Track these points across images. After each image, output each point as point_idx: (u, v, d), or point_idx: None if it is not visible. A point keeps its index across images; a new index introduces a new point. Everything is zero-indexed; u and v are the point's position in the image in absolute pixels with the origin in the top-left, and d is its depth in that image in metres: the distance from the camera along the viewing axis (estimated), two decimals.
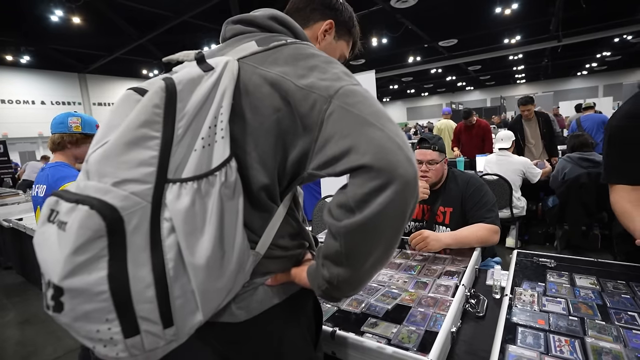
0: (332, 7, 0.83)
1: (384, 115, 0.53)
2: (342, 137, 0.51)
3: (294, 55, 0.60)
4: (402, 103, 22.28)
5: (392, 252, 0.55)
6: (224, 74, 0.57)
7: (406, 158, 0.50)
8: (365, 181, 0.49)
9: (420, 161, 1.54)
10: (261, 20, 0.69)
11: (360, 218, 0.49)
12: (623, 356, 0.74)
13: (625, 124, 1.09)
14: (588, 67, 14.78)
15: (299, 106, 0.55)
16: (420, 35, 8.07)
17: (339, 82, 0.55)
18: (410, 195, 0.50)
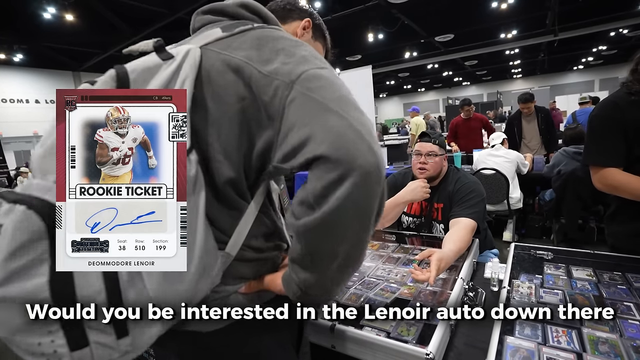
0: (306, 11, 0.87)
1: (348, 102, 0.50)
2: (302, 125, 0.47)
3: (260, 37, 0.57)
4: (398, 99, 22.27)
5: (361, 251, 0.51)
6: (184, 62, 0.54)
7: (368, 147, 0.46)
8: (323, 173, 0.45)
9: (420, 153, 1.55)
10: (231, 8, 0.65)
11: (318, 215, 0.46)
12: (619, 345, 0.75)
13: (604, 113, 1.19)
14: (584, 61, 14.82)
15: (262, 94, 0.51)
16: (416, 31, 8.06)
17: (303, 66, 0.51)
18: (372, 188, 0.46)
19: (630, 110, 1.11)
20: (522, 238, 3.49)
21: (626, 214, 1.21)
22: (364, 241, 0.51)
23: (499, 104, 12.07)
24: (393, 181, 1.69)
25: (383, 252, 1.36)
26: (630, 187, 1.12)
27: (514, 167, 3.18)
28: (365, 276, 1.16)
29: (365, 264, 1.26)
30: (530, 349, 0.76)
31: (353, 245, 0.50)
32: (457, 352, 0.83)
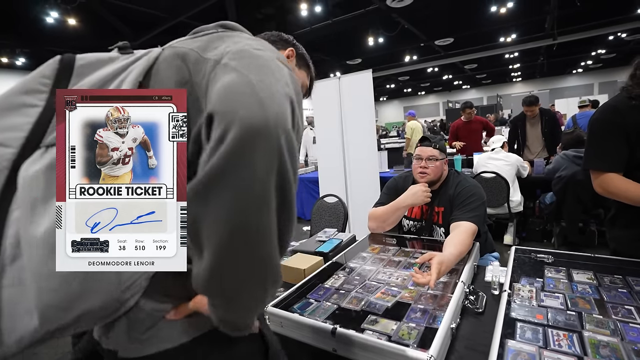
0: (290, 42, 0.91)
1: (263, 67, 0.46)
2: (211, 94, 0.45)
3: (221, 36, 0.57)
4: (398, 102, 22.32)
5: (253, 235, 0.41)
6: (142, 58, 0.55)
7: (257, 101, 0.41)
8: (212, 133, 0.40)
9: (420, 157, 1.55)
10: (211, 28, 0.65)
11: (196, 179, 0.40)
12: (620, 349, 0.75)
13: (605, 117, 1.19)
14: (583, 64, 14.86)
15: (195, 75, 0.50)
16: (416, 34, 8.09)
17: (237, 46, 0.50)
18: (258, 147, 0.39)
19: (631, 114, 1.11)
20: (522, 241, 3.48)
21: (626, 217, 1.21)
22: (251, 230, 0.41)
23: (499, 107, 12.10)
24: (394, 184, 1.69)
25: (384, 256, 1.36)
26: (629, 194, 1.13)
27: (514, 171, 3.19)
28: (366, 280, 1.15)
29: (366, 267, 1.26)
30: (532, 353, 0.75)
31: (236, 223, 0.40)
32: (458, 355, 0.83)
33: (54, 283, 0.42)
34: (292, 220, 0.47)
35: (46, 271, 0.41)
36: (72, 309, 0.43)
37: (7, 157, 0.45)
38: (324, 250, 1.47)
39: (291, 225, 0.47)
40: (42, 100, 0.50)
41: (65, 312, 0.43)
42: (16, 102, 0.49)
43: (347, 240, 1.63)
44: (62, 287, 0.42)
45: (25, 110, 0.48)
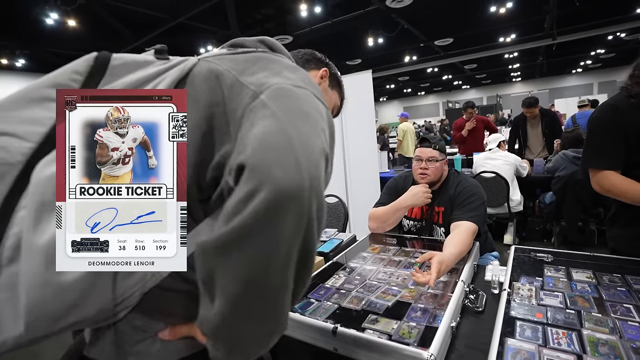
0: (323, 61, 0.92)
1: (301, 114, 0.45)
2: (246, 134, 0.43)
3: (258, 57, 0.56)
4: (398, 102, 22.33)
5: (270, 293, 0.41)
6: (177, 66, 0.54)
7: (294, 160, 0.39)
8: (241, 186, 0.39)
9: (420, 158, 1.55)
10: (249, 42, 0.65)
11: (220, 233, 0.39)
12: (619, 347, 0.75)
13: (604, 115, 1.20)
14: (583, 64, 14.87)
15: (230, 100, 0.49)
16: (416, 35, 8.10)
17: (278, 79, 0.49)
18: (287, 214, 0.38)
19: (631, 113, 1.12)
20: (522, 241, 3.49)
21: (626, 216, 1.21)
22: (269, 287, 0.40)
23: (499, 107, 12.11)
24: (394, 185, 1.69)
25: (384, 256, 1.36)
26: (627, 192, 1.13)
27: (513, 170, 3.19)
28: (367, 279, 1.15)
29: (367, 267, 1.26)
30: (531, 351, 0.76)
31: (255, 280, 0.39)
32: (458, 354, 0.83)
33: (47, 294, 0.40)
34: (308, 278, 0.47)
35: (41, 281, 0.40)
36: (61, 320, 0.42)
37: (23, 152, 0.44)
38: (324, 250, 1.48)
39: (307, 282, 0.47)
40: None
41: (54, 322, 0.41)
42: (41, 94, 0.47)
43: (348, 240, 1.63)
44: (55, 298, 0.41)
45: (50, 104, 0.46)
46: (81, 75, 0.50)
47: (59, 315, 0.41)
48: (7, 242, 0.41)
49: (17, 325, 0.40)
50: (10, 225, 0.41)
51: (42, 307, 0.40)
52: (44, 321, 0.40)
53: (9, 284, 0.40)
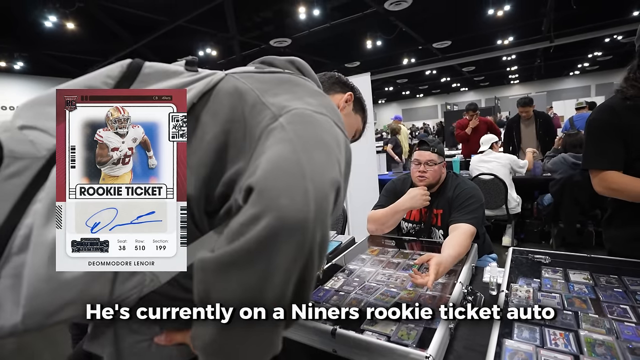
0: (348, 85, 0.94)
1: (318, 143, 0.45)
2: (260, 154, 0.44)
3: (283, 79, 0.57)
4: (397, 105, 22.40)
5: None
6: (202, 79, 0.55)
7: (303, 190, 0.39)
8: (247, 207, 0.39)
9: (419, 162, 1.56)
10: (279, 61, 0.66)
11: (222, 252, 0.39)
12: (615, 347, 0.76)
13: (601, 117, 1.20)
14: (580, 67, 14.97)
15: (250, 119, 0.50)
16: (414, 37, 8.14)
17: (299, 104, 0.50)
18: (292, 243, 0.38)
19: (627, 114, 1.13)
20: (521, 243, 3.49)
21: (622, 217, 1.22)
22: (266, 305, 0.40)
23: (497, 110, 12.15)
24: (392, 187, 1.70)
25: (383, 258, 1.37)
26: (630, 189, 1.13)
27: (508, 170, 3.17)
28: (366, 281, 1.16)
29: (365, 269, 1.26)
30: (529, 352, 0.76)
31: (250, 303, 0.40)
32: (456, 355, 0.83)
33: (48, 288, 0.41)
34: (306, 302, 0.47)
35: (44, 275, 0.41)
36: (58, 315, 0.42)
37: (48, 147, 0.45)
38: (323, 266, 1.48)
39: (300, 309, 0.46)
40: None
41: (51, 316, 0.42)
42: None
43: (347, 242, 1.63)
44: (54, 293, 0.41)
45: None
46: (113, 80, 0.51)
47: (55, 310, 0.42)
48: (20, 232, 0.42)
49: (16, 313, 0.41)
50: (25, 215, 0.42)
51: (40, 300, 0.41)
52: (40, 314, 0.41)
53: (15, 272, 0.41)
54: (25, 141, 0.45)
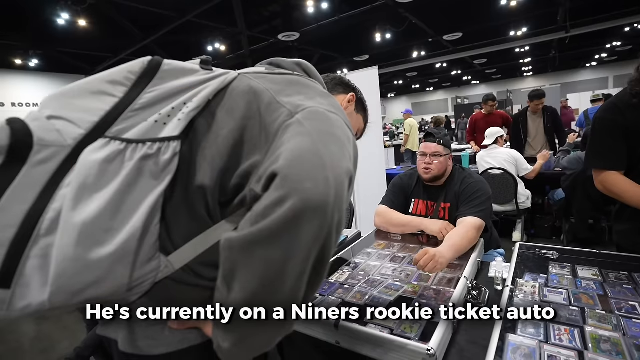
0: (351, 86, 0.98)
1: (334, 138, 0.49)
2: (279, 146, 0.48)
3: (293, 81, 0.62)
4: (407, 98, 22.12)
5: (284, 293, 0.43)
6: (218, 77, 0.58)
7: (324, 178, 0.43)
8: (271, 191, 0.43)
9: (425, 153, 1.55)
10: (287, 64, 0.70)
11: (248, 232, 0.42)
12: (622, 344, 0.75)
13: (605, 115, 1.19)
14: (597, 58, 14.49)
15: (267, 116, 0.54)
16: (424, 30, 8.00)
17: (312, 103, 0.54)
18: (311, 223, 0.41)
19: (631, 112, 1.11)
20: (531, 238, 3.44)
21: (631, 210, 1.20)
22: (284, 288, 0.43)
23: (509, 103, 11.89)
24: (399, 182, 1.69)
25: (388, 252, 1.37)
26: (629, 196, 1.14)
27: (514, 167, 3.11)
28: (371, 275, 1.17)
29: (371, 263, 1.27)
30: (532, 347, 0.76)
31: (272, 280, 0.43)
32: (459, 348, 0.84)
33: (74, 268, 0.43)
34: (319, 286, 0.50)
35: (72, 255, 0.43)
36: (82, 294, 0.45)
37: (74, 137, 0.48)
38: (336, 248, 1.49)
39: (317, 289, 0.50)
40: (121, 92, 0.52)
41: (75, 295, 0.45)
42: (99, 88, 0.52)
43: (352, 236, 1.64)
44: (79, 274, 0.44)
45: (104, 97, 0.51)
46: (134, 75, 0.54)
47: (80, 289, 0.45)
48: (48, 215, 0.44)
49: (43, 292, 0.44)
50: (52, 200, 0.45)
51: (66, 280, 0.44)
52: (66, 293, 0.44)
53: (44, 253, 0.44)
54: (53, 130, 0.47)
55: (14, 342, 2.46)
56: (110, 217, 0.46)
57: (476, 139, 4.42)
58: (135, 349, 0.55)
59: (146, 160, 0.49)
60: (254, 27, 6.89)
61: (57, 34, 6.11)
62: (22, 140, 0.44)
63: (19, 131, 0.45)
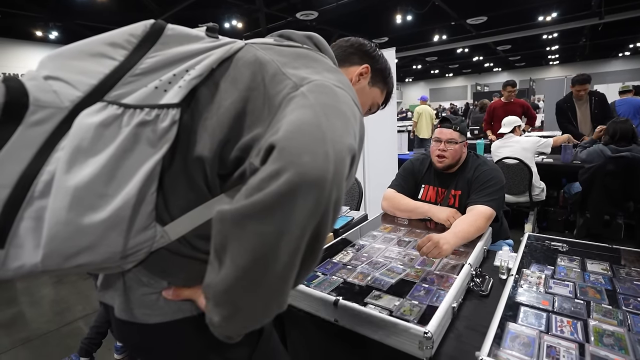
0: (369, 54, 0.85)
1: (338, 112, 0.47)
2: (282, 118, 0.46)
3: (301, 54, 0.59)
4: (424, 84, 21.56)
5: (276, 270, 0.42)
6: (222, 47, 0.56)
7: (324, 152, 0.41)
8: (268, 164, 0.41)
9: (439, 139, 1.52)
10: (298, 36, 0.67)
11: (240, 205, 0.40)
12: (625, 339, 0.74)
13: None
14: (632, 47, 13.69)
15: (271, 87, 0.52)
16: (447, 12, 7.68)
17: (319, 77, 0.52)
18: (308, 198, 0.39)
19: None
20: (543, 231, 3.38)
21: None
22: (276, 264, 0.41)
23: (531, 92, 11.45)
24: (410, 166, 1.67)
25: (394, 235, 1.37)
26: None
27: (532, 155, 2.98)
28: (374, 257, 1.17)
29: (376, 245, 1.27)
30: (531, 336, 0.76)
31: (265, 255, 0.41)
32: (457, 333, 0.84)
33: (66, 232, 0.43)
34: (314, 264, 0.48)
35: (64, 219, 0.43)
36: (74, 259, 0.45)
37: (72, 99, 0.46)
38: (334, 227, 1.50)
39: (312, 268, 0.48)
40: (122, 56, 0.51)
41: (68, 259, 0.45)
42: (98, 50, 0.50)
43: (359, 218, 1.64)
44: (71, 237, 0.43)
45: (103, 60, 0.50)
46: (136, 39, 0.52)
47: (73, 253, 0.44)
48: (42, 177, 0.44)
49: (36, 254, 0.44)
50: (47, 162, 0.44)
51: (58, 243, 0.43)
52: (58, 256, 0.44)
53: (37, 215, 0.44)
54: (50, 91, 0.45)
55: (31, 303, 2.60)
56: (104, 182, 0.45)
57: (493, 128, 4.25)
58: (131, 316, 0.56)
59: (143, 127, 0.48)
60: (272, 5, 6.75)
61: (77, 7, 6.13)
62: (18, 99, 0.43)
63: (14, 89, 0.44)
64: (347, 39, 0.87)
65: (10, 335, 2.19)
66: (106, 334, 1.79)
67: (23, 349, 2.05)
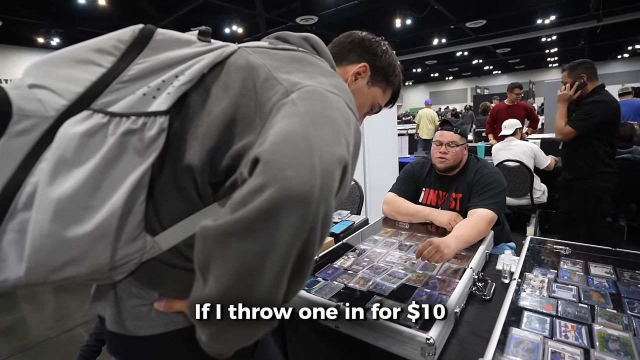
0: (370, 52, 0.80)
1: (327, 119, 0.45)
2: (270, 128, 0.44)
3: (295, 57, 0.56)
4: (424, 87, 21.62)
5: (262, 288, 0.40)
6: (214, 51, 0.54)
7: (309, 163, 0.39)
8: (252, 178, 0.39)
9: (440, 142, 1.51)
10: (294, 38, 0.64)
11: (223, 221, 0.39)
12: (631, 344, 0.73)
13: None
14: (630, 49, 13.74)
15: (262, 93, 0.49)
16: (446, 16, 7.72)
17: (311, 82, 0.49)
18: (295, 216, 0.37)
19: None
20: (545, 234, 3.36)
21: None
22: (261, 284, 0.39)
23: (531, 95, 11.46)
24: (410, 170, 1.66)
25: (395, 239, 1.36)
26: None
27: (532, 160, 2.99)
28: (375, 262, 1.16)
29: (377, 249, 1.26)
30: (535, 342, 0.74)
31: (248, 274, 0.39)
32: (459, 339, 0.83)
33: (50, 245, 0.42)
34: (303, 283, 0.46)
35: (47, 232, 0.41)
36: (59, 272, 0.43)
37: (57, 107, 0.45)
38: (335, 231, 1.49)
39: (300, 286, 0.46)
40: (109, 62, 0.49)
41: (52, 273, 0.43)
42: (84, 56, 0.49)
43: (359, 222, 1.63)
44: (55, 251, 0.42)
45: (90, 67, 0.48)
46: (124, 44, 0.51)
47: (56, 267, 0.43)
48: (26, 189, 0.43)
49: (20, 267, 0.42)
50: (31, 173, 0.43)
51: (42, 256, 0.42)
52: (42, 269, 0.42)
53: (20, 228, 0.42)
54: (34, 100, 0.44)
55: (31, 310, 2.59)
56: (89, 194, 0.43)
57: (495, 131, 4.24)
58: (122, 328, 0.54)
59: (129, 136, 0.46)
60: (272, 10, 6.80)
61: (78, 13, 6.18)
62: (0, 108, 0.42)
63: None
64: (349, 33, 0.83)
65: (9, 342, 2.18)
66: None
67: (22, 357, 2.04)
